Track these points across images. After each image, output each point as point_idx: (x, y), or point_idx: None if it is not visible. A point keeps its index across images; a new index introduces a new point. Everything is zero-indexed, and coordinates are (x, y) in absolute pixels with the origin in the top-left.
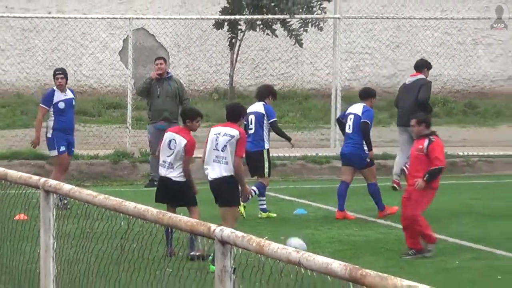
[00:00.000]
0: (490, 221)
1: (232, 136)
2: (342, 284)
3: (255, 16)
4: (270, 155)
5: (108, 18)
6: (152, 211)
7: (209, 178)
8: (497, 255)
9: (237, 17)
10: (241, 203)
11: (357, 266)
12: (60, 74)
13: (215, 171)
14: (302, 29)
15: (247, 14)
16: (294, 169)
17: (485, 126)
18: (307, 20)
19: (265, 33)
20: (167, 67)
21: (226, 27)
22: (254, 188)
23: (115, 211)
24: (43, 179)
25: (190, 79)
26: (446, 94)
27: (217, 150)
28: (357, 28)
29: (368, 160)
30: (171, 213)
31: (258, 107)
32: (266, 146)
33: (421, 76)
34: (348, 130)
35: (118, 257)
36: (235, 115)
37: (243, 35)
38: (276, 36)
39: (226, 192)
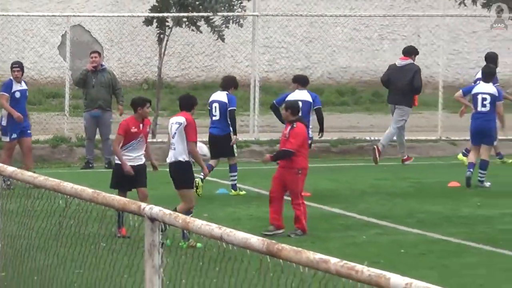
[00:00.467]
0: (394, 199)
1: (180, 124)
2: (260, 257)
3: (181, 14)
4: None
5: (48, 15)
6: (88, 191)
7: (167, 163)
8: (400, 230)
9: (165, 14)
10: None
11: (273, 241)
12: (17, 67)
13: (170, 156)
14: (224, 25)
15: (174, 12)
16: None
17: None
18: (229, 18)
19: (190, 29)
20: (101, 60)
21: (155, 24)
22: (235, 173)
23: (54, 191)
24: None
25: (122, 71)
26: (355, 84)
27: (172, 138)
28: (273, 24)
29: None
30: (104, 193)
31: (221, 96)
32: (231, 129)
33: (410, 61)
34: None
35: (57, 233)
36: (187, 105)
37: (171, 31)
38: (201, 32)
39: (178, 175)
